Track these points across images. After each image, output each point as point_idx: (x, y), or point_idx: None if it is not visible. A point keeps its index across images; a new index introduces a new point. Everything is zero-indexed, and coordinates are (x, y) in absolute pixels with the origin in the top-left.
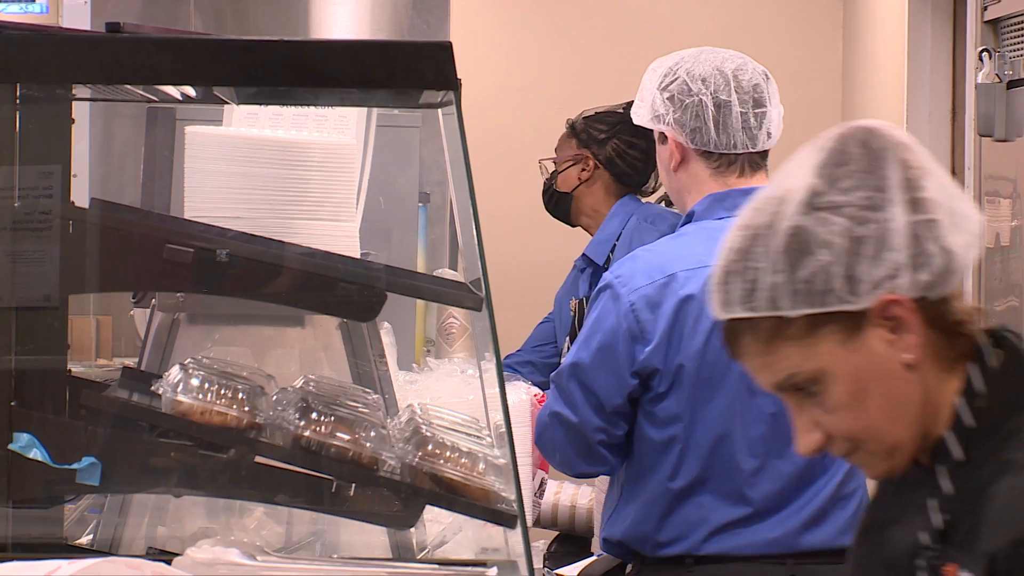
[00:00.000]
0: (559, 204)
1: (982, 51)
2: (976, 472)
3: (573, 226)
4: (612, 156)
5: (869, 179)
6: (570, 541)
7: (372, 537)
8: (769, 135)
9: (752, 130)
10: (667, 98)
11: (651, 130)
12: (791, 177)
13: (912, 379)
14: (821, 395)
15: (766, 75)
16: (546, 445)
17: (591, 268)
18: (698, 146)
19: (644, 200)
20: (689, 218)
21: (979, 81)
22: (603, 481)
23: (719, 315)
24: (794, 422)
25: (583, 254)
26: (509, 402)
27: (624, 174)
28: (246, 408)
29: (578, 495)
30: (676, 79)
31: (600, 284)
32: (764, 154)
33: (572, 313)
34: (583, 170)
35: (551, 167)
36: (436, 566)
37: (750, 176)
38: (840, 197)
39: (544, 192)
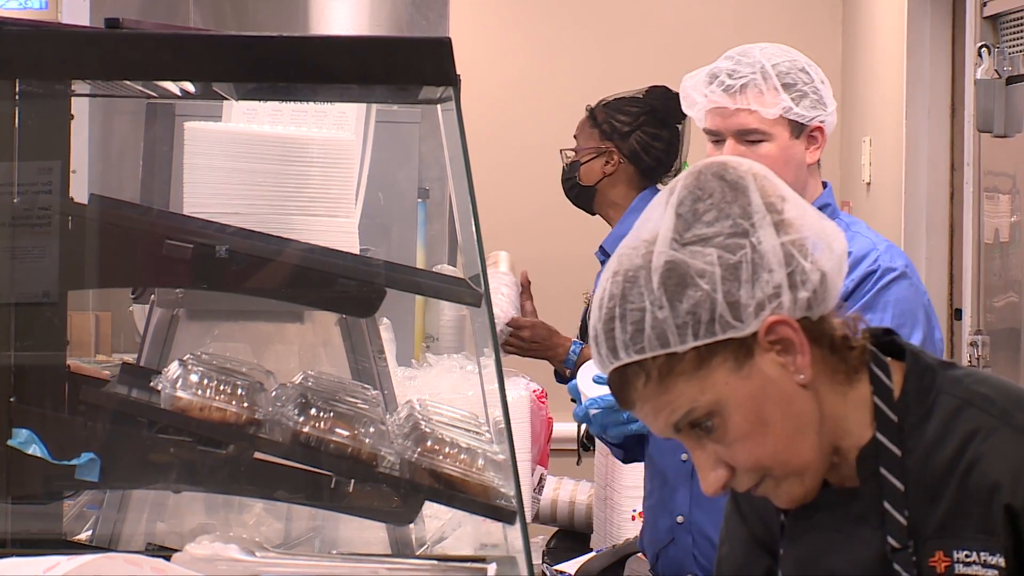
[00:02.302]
0: (581, 195)
1: (981, 47)
2: (928, 460)
3: (593, 214)
4: (637, 150)
5: (731, 208)
6: (569, 537)
7: (371, 533)
8: None
9: None
10: (824, 90)
11: (676, 122)
12: (652, 221)
13: (809, 398)
14: (720, 428)
15: None
16: None
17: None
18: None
19: None
20: (821, 209)
21: (978, 77)
22: (602, 476)
23: (608, 365)
24: (696, 462)
25: (601, 247)
26: (508, 398)
27: (649, 168)
28: (245, 404)
29: (577, 491)
30: (817, 70)
31: (888, 272)
32: None
33: (585, 304)
34: (607, 163)
35: (572, 155)
36: (435, 562)
37: None
38: (707, 230)
39: (565, 182)
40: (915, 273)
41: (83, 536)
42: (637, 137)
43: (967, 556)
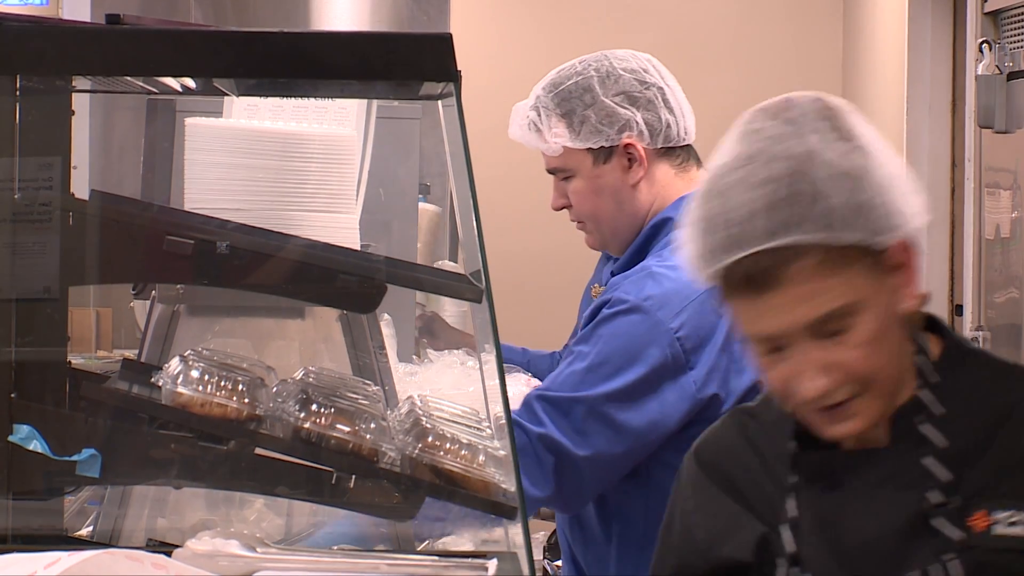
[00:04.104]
0: None
1: (982, 43)
2: (968, 422)
3: None
4: None
5: (864, 132)
6: None
7: (372, 529)
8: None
9: (690, 114)
10: (622, 101)
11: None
12: (803, 131)
13: (904, 332)
14: (848, 331)
15: None
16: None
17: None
18: (665, 143)
19: None
20: (658, 227)
21: (979, 72)
22: None
23: (762, 243)
24: (794, 369)
25: None
26: (509, 394)
27: None
28: (246, 400)
29: None
30: (620, 78)
31: (618, 304)
32: None
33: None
34: None
35: None
36: (436, 558)
37: (701, 166)
38: (861, 142)
39: None
40: (657, 309)
41: (84, 532)
42: None
43: (1011, 516)
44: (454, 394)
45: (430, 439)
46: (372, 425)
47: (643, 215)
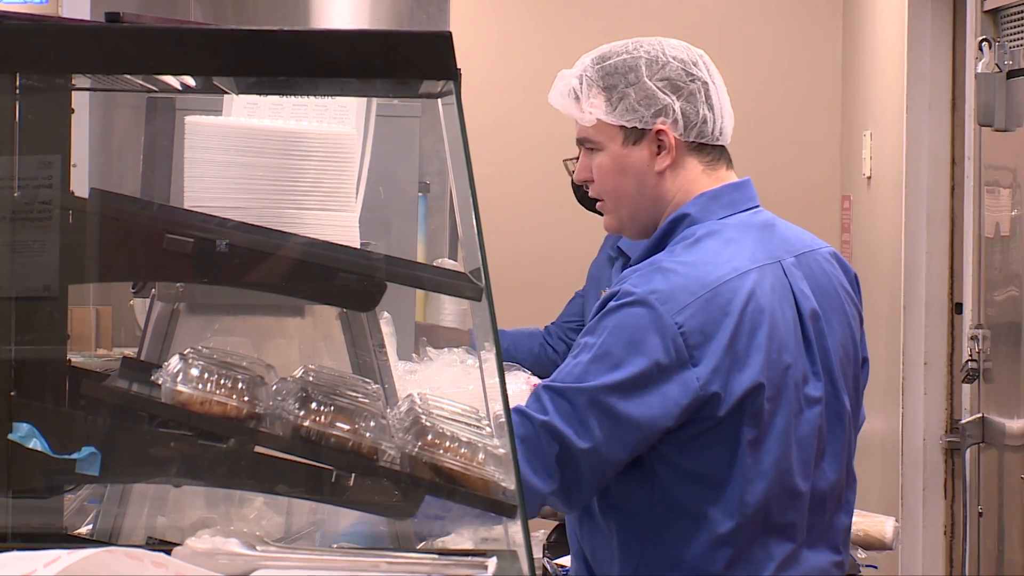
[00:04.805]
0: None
1: (982, 41)
2: None
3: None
4: None
5: None
6: None
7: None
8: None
9: (729, 116)
10: (664, 87)
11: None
12: None
13: None
14: None
15: None
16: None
17: (622, 260)
18: (698, 138)
19: None
20: (676, 223)
21: (979, 71)
22: None
23: None
24: None
25: (616, 245)
26: (509, 392)
27: None
28: (246, 398)
29: None
30: (668, 64)
31: (624, 297)
32: None
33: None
34: None
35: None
36: (436, 556)
37: (730, 168)
38: None
39: (576, 190)
40: (663, 302)
41: (84, 530)
42: None
43: None
44: (454, 392)
45: (430, 437)
46: (372, 423)
47: (664, 205)
